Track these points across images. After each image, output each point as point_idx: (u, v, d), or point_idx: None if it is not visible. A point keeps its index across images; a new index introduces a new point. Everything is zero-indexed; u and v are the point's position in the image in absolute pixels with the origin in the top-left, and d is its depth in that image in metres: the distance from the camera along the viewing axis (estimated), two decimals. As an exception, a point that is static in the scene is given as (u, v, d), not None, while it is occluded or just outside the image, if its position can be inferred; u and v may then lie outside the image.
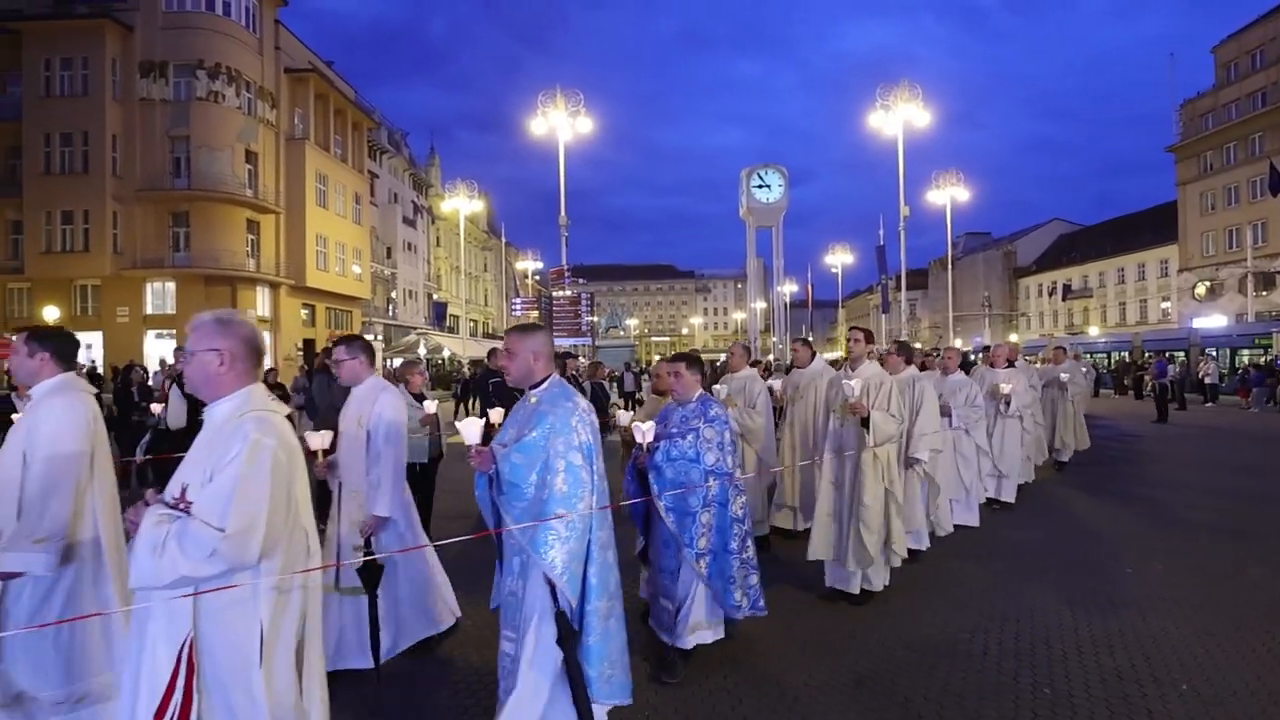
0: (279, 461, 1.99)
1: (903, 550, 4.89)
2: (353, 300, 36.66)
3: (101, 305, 28.65)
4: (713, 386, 6.11)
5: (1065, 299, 56.48)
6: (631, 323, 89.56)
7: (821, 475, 4.89)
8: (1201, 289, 41.51)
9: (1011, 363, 8.47)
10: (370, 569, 3.58)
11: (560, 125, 18.77)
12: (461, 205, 33.85)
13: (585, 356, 17.16)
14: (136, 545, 1.88)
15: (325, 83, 34.21)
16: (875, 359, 5.76)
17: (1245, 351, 27.22)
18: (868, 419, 4.55)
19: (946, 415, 6.69)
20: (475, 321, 56.25)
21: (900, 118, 21.14)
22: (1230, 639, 4.14)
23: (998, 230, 73.61)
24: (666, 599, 3.81)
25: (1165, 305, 46.90)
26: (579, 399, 2.85)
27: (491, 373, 8.82)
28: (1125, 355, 33.18)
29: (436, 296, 49.29)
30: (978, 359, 15.37)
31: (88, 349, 28.35)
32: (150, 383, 13.67)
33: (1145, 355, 30.11)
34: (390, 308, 42.44)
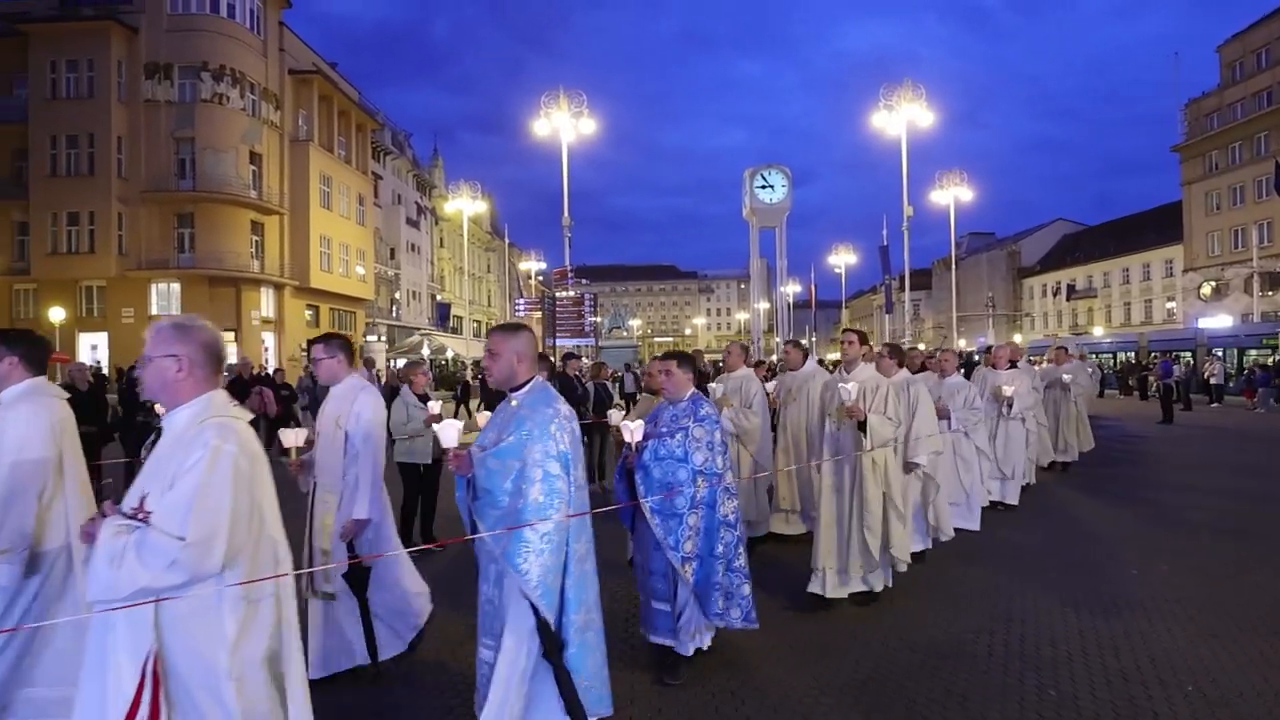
0: (241, 469, 1.94)
1: (905, 555, 4.80)
2: (357, 301, 36.75)
3: (107, 306, 28.77)
4: (708, 386, 6.05)
5: (1070, 299, 56.34)
6: (634, 323, 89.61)
7: (821, 481, 4.81)
8: (1207, 289, 41.37)
9: (1013, 364, 8.40)
10: (357, 571, 3.51)
11: (563, 126, 18.81)
12: (465, 206, 33.93)
13: (588, 357, 17.17)
14: (94, 557, 1.83)
15: (329, 84, 34.31)
16: (872, 361, 5.72)
17: (1253, 351, 27.10)
18: (864, 423, 4.47)
19: (945, 418, 6.61)
20: (479, 322, 56.30)
21: (903, 118, 21.14)
22: (1235, 641, 4.12)
23: (1001, 230, 73.48)
24: (661, 602, 3.71)
25: (1170, 305, 46.74)
26: (560, 404, 2.76)
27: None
28: (1131, 355, 33.07)
29: (440, 297, 49.38)
30: (981, 360, 15.34)
31: (93, 350, 28.47)
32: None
33: (1151, 355, 30.00)
34: (394, 308, 42.53)
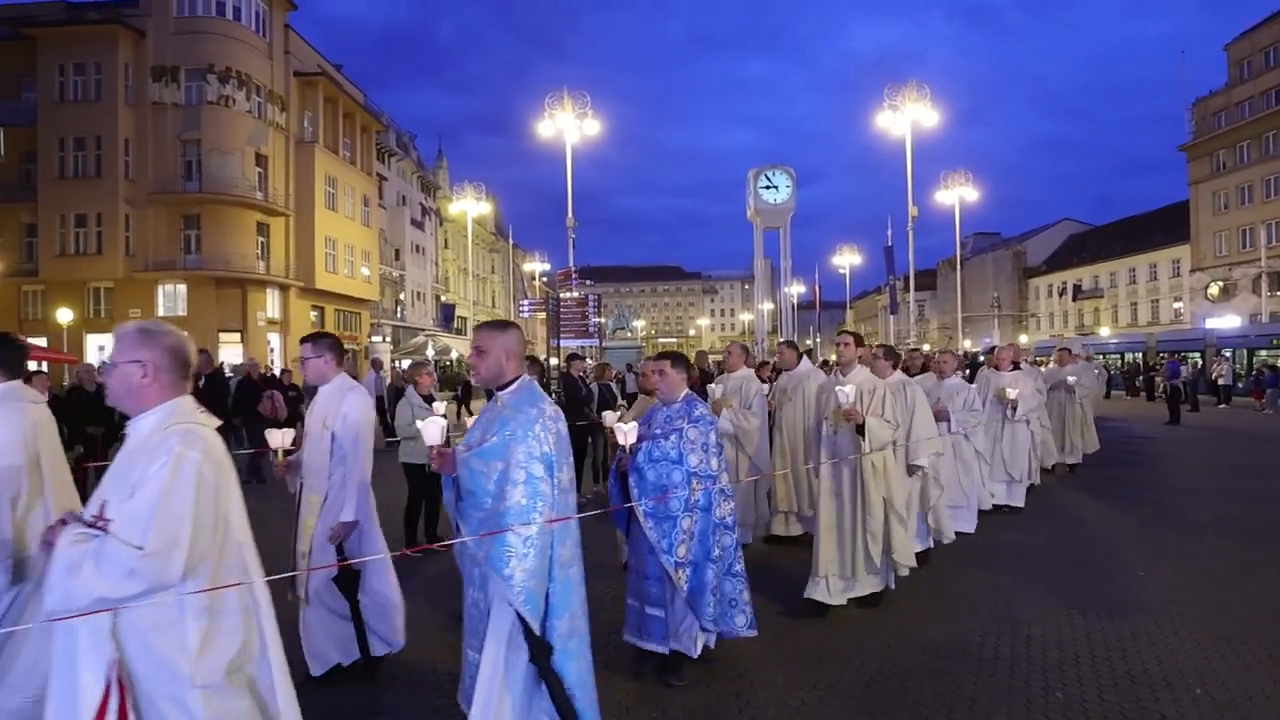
0: (204, 476, 1.89)
1: (909, 559, 4.73)
2: (361, 302, 36.84)
3: (114, 307, 28.89)
4: (708, 386, 5.97)
5: (1076, 299, 56.09)
6: (639, 324, 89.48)
7: (820, 485, 4.72)
8: (1215, 289, 41.12)
9: (1016, 365, 8.31)
10: (346, 575, 3.47)
11: (568, 127, 18.82)
12: (469, 207, 33.99)
13: (593, 358, 17.17)
14: (52, 566, 1.80)
15: (334, 86, 34.42)
16: (869, 362, 5.69)
17: (1263, 352, 26.92)
18: (863, 425, 4.41)
19: (944, 420, 6.55)
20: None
21: (908, 117, 21.08)
22: (1244, 643, 4.09)
23: (1007, 230, 73.25)
24: (656, 607, 3.63)
25: (1177, 306, 46.48)
26: (545, 404, 2.70)
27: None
28: (1139, 356, 32.89)
29: (444, 298, 49.46)
30: (985, 361, 15.29)
31: (100, 350, 28.63)
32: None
33: (1160, 356, 29.85)
34: (399, 309, 42.62)
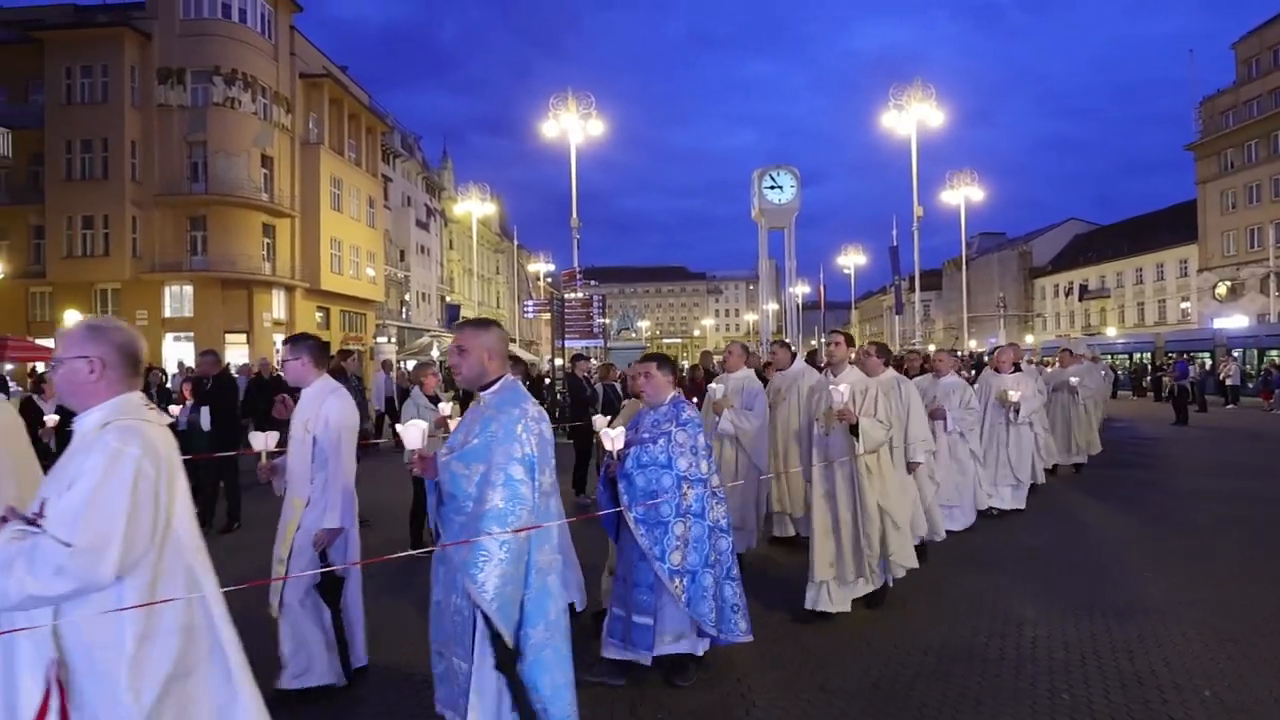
0: (144, 473, 1.84)
1: (908, 561, 4.67)
2: (367, 303, 36.94)
3: (121, 309, 29.01)
4: (709, 387, 5.93)
5: (1082, 299, 55.87)
6: (643, 324, 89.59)
7: (813, 488, 4.64)
8: (1222, 289, 40.90)
9: (1017, 366, 8.22)
10: (330, 582, 3.39)
11: (572, 128, 18.83)
12: (474, 208, 34.06)
13: (597, 359, 17.18)
14: None
15: (339, 88, 34.52)
16: (861, 361, 5.65)
17: (1273, 352, 26.76)
18: (856, 425, 4.31)
19: (940, 419, 6.52)
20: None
21: (913, 117, 21.04)
22: (1251, 644, 4.07)
23: (1013, 230, 73.03)
24: (644, 615, 3.54)
25: (1185, 305, 46.25)
26: (529, 404, 2.61)
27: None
28: (1148, 356, 32.72)
29: (449, 299, 49.54)
30: (989, 361, 15.20)
31: (107, 352, 28.78)
32: (169, 385, 13.87)
33: (1168, 356, 29.70)
34: (404, 310, 42.72)
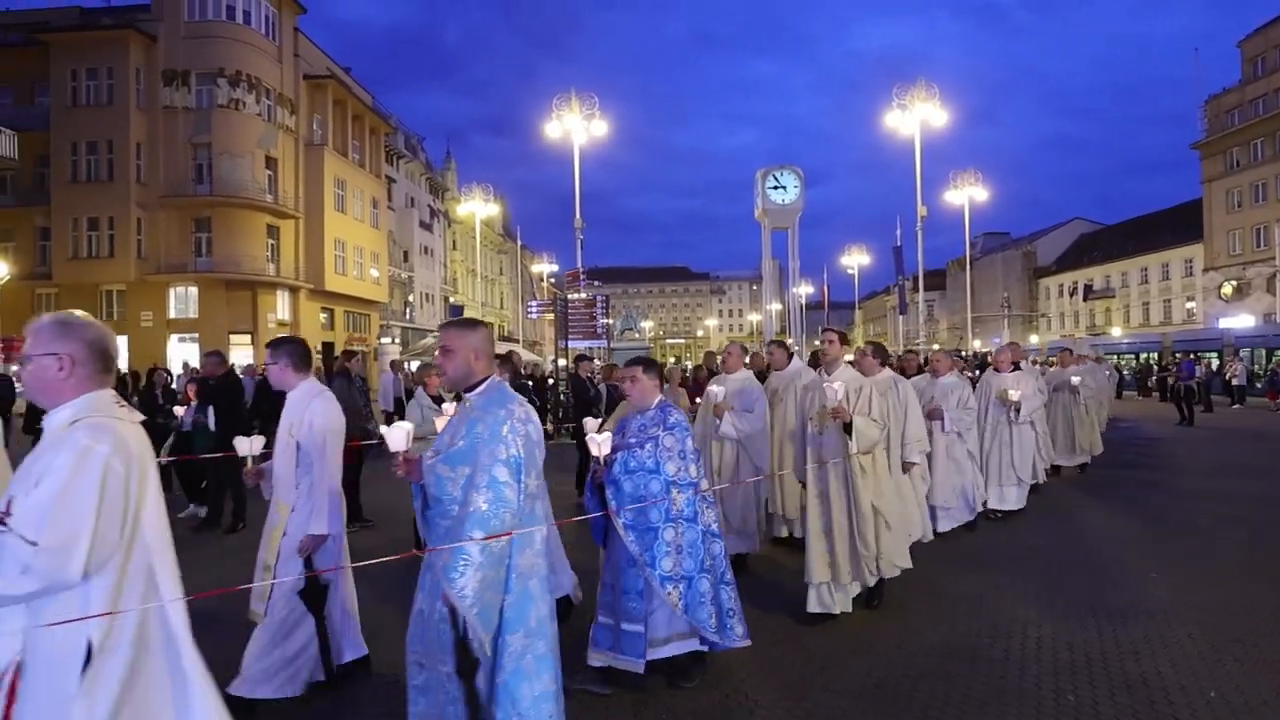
0: (113, 471, 1.81)
1: (903, 561, 4.64)
2: (370, 304, 37.02)
3: (126, 310, 29.16)
4: (707, 388, 5.83)
5: (1086, 299, 55.69)
6: (646, 325, 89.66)
7: (808, 488, 4.58)
8: (1228, 288, 40.72)
9: (1017, 365, 8.18)
10: (312, 588, 3.33)
11: (575, 128, 18.84)
12: (477, 209, 34.07)
13: (600, 359, 17.20)
14: None
15: (343, 89, 34.61)
16: (859, 360, 5.57)
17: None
18: (849, 425, 4.24)
19: (938, 419, 6.51)
20: (491, 324, 56.44)
21: (917, 117, 20.99)
22: (1255, 645, 4.05)
23: (1017, 230, 72.77)
24: (634, 623, 3.49)
25: (1190, 305, 46.07)
26: (516, 405, 2.54)
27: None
28: (1155, 356, 32.59)
29: (453, 299, 49.60)
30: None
31: (113, 353, 28.92)
32: (174, 386, 13.90)
33: (1175, 356, 29.60)
34: (407, 311, 42.79)
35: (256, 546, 3.58)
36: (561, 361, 18.26)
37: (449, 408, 5.41)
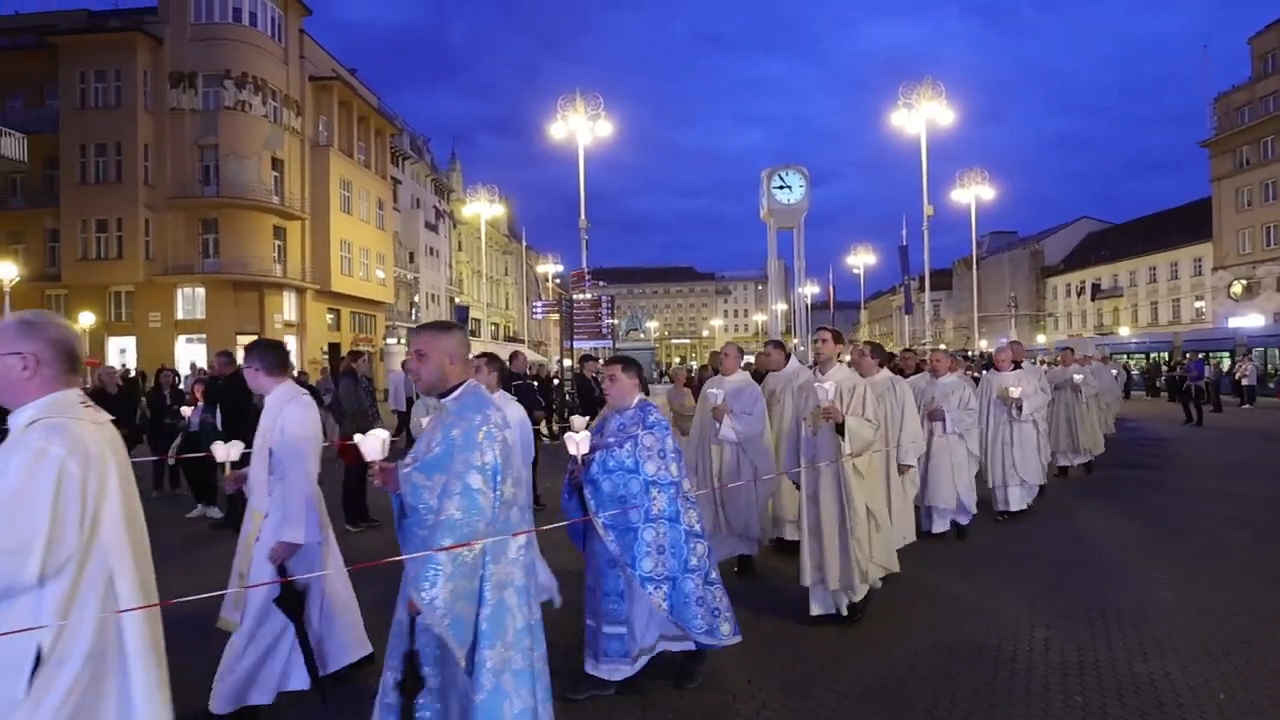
0: (68, 473, 1.78)
1: (890, 563, 4.58)
2: (376, 304, 37.15)
3: (135, 310, 29.36)
4: (705, 391, 5.71)
5: (1094, 299, 55.41)
6: (652, 325, 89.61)
7: (801, 490, 4.51)
8: (1238, 287, 40.44)
9: (1017, 364, 8.12)
10: (289, 595, 3.25)
11: (580, 129, 18.86)
12: (483, 209, 34.17)
13: (605, 359, 17.17)
14: None
15: (349, 90, 34.74)
16: (857, 360, 5.51)
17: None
18: (842, 425, 4.16)
19: (939, 419, 6.45)
20: (496, 325, 56.64)
21: (923, 116, 20.93)
22: (1265, 648, 4.01)
23: (1024, 229, 72.53)
24: (614, 625, 3.44)
25: (1199, 305, 45.79)
26: (492, 409, 2.47)
27: (512, 375, 8.88)
28: (1165, 356, 32.38)
29: (458, 300, 49.74)
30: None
31: (121, 353, 29.07)
32: (181, 387, 13.96)
33: (1185, 356, 29.41)
34: (413, 311, 42.91)
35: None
36: (567, 362, 18.29)
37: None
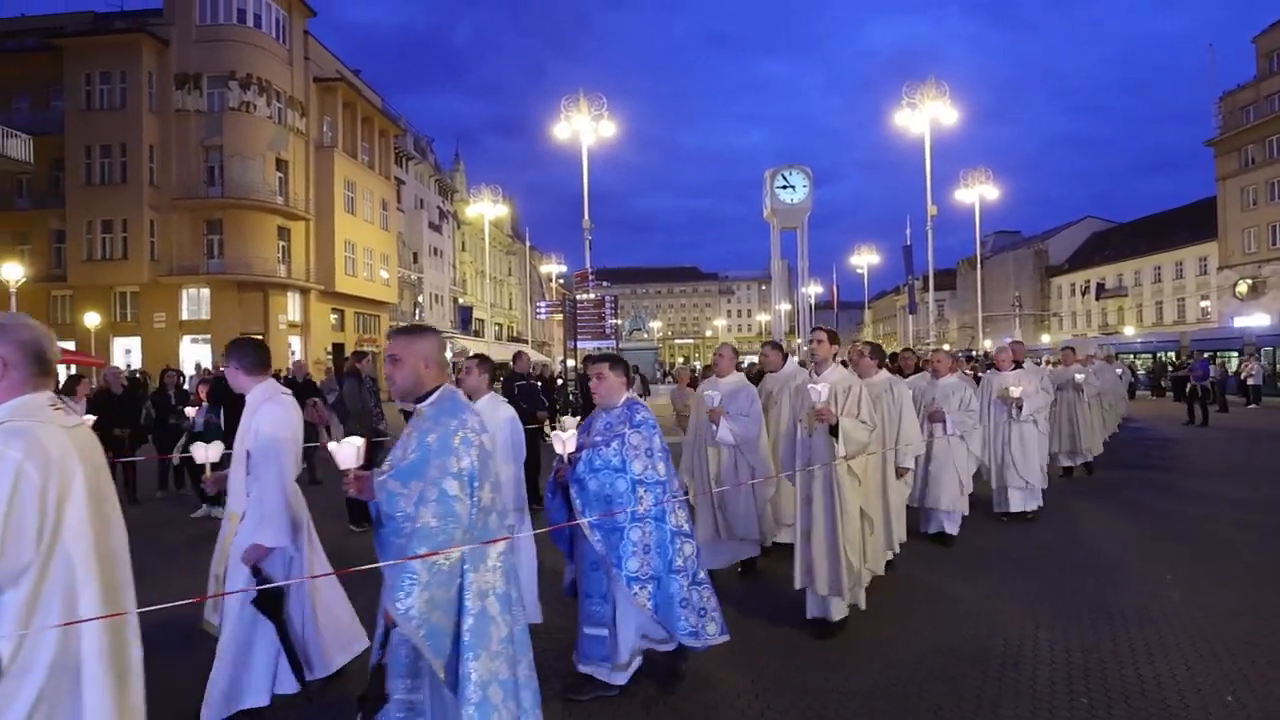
0: (27, 477, 1.75)
1: (877, 566, 4.55)
2: (380, 305, 37.21)
3: (140, 311, 29.46)
4: (701, 392, 5.67)
5: (1099, 298, 55.22)
6: (655, 325, 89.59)
7: (797, 492, 4.47)
8: (1243, 287, 40.26)
9: (1018, 364, 8.08)
10: (265, 596, 3.17)
11: (583, 129, 18.88)
12: (486, 210, 34.25)
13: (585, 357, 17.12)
14: None
15: (353, 91, 34.81)
16: (856, 360, 5.45)
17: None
18: (836, 426, 4.10)
19: (940, 421, 6.40)
20: (500, 325, 56.72)
21: (927, 115, 20.90)
22: (1273, 649, 3.99)
23: (1028, 228, 72.38)
24: (596, 626, 3.42)
25: (1205, 304, 45.60)
26: (468, 414, 2.43)
27: (516, 376, 8.88)
28: (1171, 355, 32.25)
29: (462, 301, 49.81)
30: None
31: (126, 354, 29.19)
32: (186, 387, 14.02)
33: (1191, 355, 29.30)
34: (417, 312, 42.97)
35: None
36: (570, 362, 18.29)
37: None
